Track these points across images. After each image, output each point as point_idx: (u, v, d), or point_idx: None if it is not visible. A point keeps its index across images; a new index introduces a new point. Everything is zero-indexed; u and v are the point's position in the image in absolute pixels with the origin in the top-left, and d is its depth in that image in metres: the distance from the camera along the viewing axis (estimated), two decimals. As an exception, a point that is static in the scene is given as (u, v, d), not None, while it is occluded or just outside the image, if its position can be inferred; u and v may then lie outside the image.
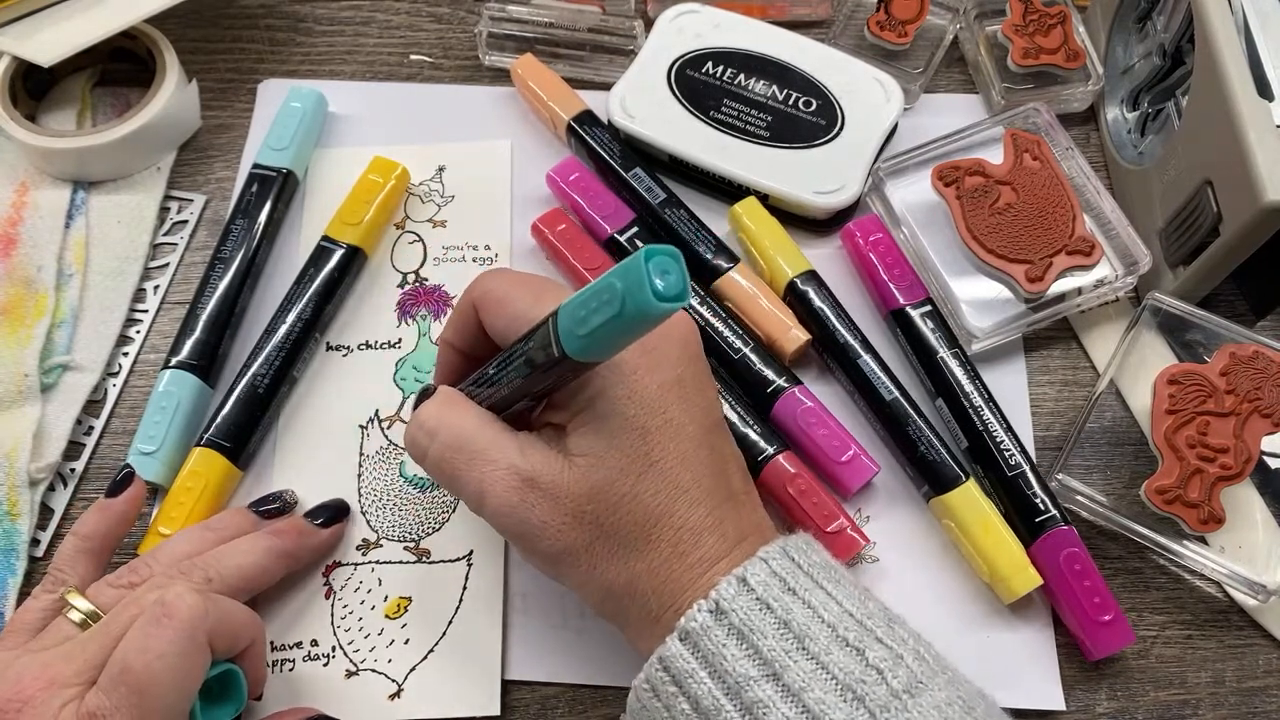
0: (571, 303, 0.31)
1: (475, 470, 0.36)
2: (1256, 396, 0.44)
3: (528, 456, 0.36)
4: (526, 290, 0.37)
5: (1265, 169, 0.42)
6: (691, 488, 0.35)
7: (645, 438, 0.35)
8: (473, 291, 0.39)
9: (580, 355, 0.31)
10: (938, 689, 0.32)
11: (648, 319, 0.28)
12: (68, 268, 0.52)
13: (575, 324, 0.30)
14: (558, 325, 0.31)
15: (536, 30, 0.58)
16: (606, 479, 0.35)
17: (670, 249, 0.28)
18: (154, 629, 0.34)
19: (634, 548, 0.35)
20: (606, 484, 0.35)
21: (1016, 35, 0.57)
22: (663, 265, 0.27)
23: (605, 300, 0.28)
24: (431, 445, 0.37)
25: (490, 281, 0.38)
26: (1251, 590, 0.44)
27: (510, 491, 0.35)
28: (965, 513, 0.45)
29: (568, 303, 0.31)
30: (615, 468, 0.35)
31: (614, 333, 0.29)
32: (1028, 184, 0.51)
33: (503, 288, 0.38)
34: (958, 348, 0.49)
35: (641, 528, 0.35)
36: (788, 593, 0.34)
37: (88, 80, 0.57)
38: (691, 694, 0.33)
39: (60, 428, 0.48)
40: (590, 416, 0.35)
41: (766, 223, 0.52)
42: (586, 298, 0.30)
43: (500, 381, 0.37)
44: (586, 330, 0.30)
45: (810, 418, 0.47)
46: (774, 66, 0.56)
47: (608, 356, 0.33)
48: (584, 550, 0.35)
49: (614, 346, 0.31)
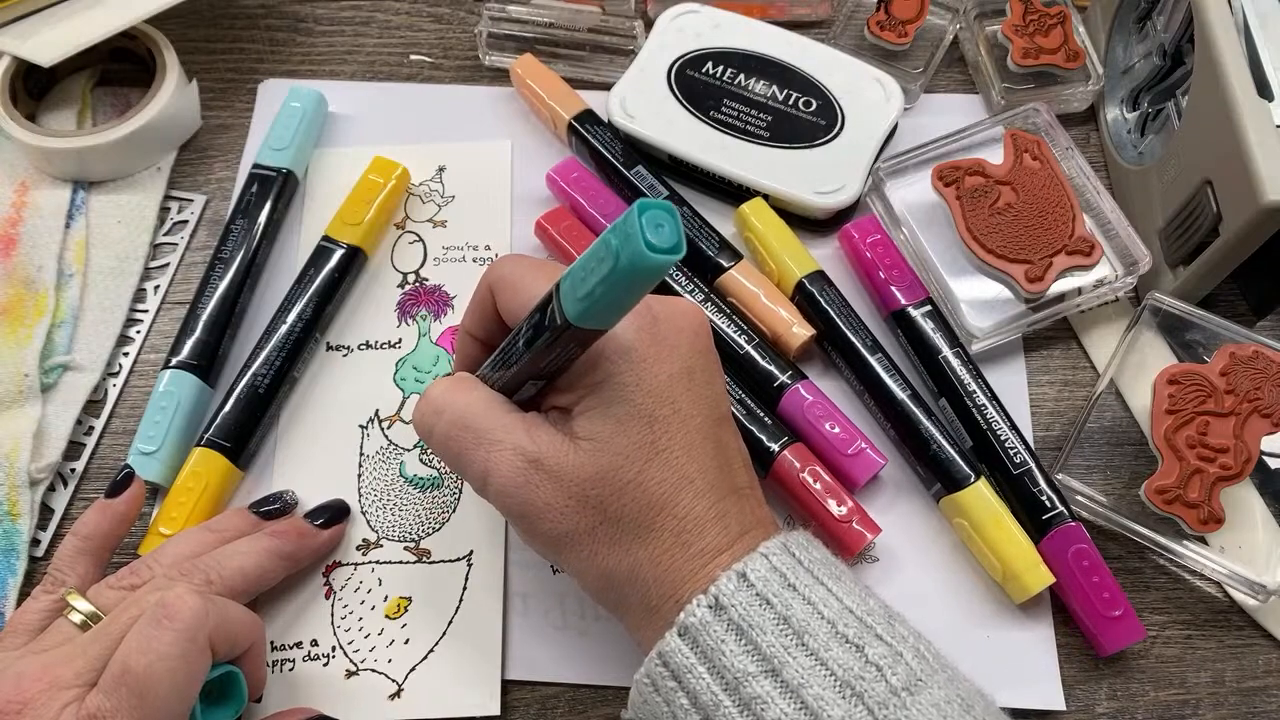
0: (572, 268, 0.30)
1: (481, 450, 0.36)
2: (1256, 396, 0.44)
3: (534, 437, 0.35)
4: (541, 273, 0.37)
5: (1265, 169, 0.42)
6: (696, 478, 0.35)
7: (652, 425, 0.35)
8: (489, 276, 0.39)
9: (581, 320, 0.30)
10: (937, 687, 0.32)
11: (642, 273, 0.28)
12: (68, 268, 0.52)
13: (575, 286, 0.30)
14: (559, 293, 0.31)
15: (536, 30, 0.58)
16: (612, 463, 0.35)
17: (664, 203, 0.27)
18: (155, 630, 0.34)
19: (636, 534, 0.35)
20: (612, 468, 0.35)
21: (1016, 35, 0.57)
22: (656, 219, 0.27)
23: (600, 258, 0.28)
24: (438, 423, 0.37)
25: (505, 266, 0.38)
26: (1251, 590, 0.44)
27: (515, 472, 0.35)
28: (977, 511, 0.45)
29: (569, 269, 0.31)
30: (621, 453, 0.35)
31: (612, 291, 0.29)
32: (1028, 184, 0.51)
33: (517, 271, 0.38)
34: (959, 346, 0.49)
35: (645, 515, 0.35)
36: (788, 588, 0.33)
37: (88, 80, 0.57)
38: (690, 689, 0.33)
39: (60, 428, 0.48)
40: (597, 400, 0.35)
41: (773, 223, 0.52)
42: (585, 259, 0.29)
43: (509, 362, 0.36)
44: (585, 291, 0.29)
45: (817, 412, 0.47)
46: (774, 66, 0.56)
47: (609, 323, 0.32)
48: (586, 534, 0.35)
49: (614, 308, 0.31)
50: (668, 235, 0.27)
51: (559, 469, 0.35)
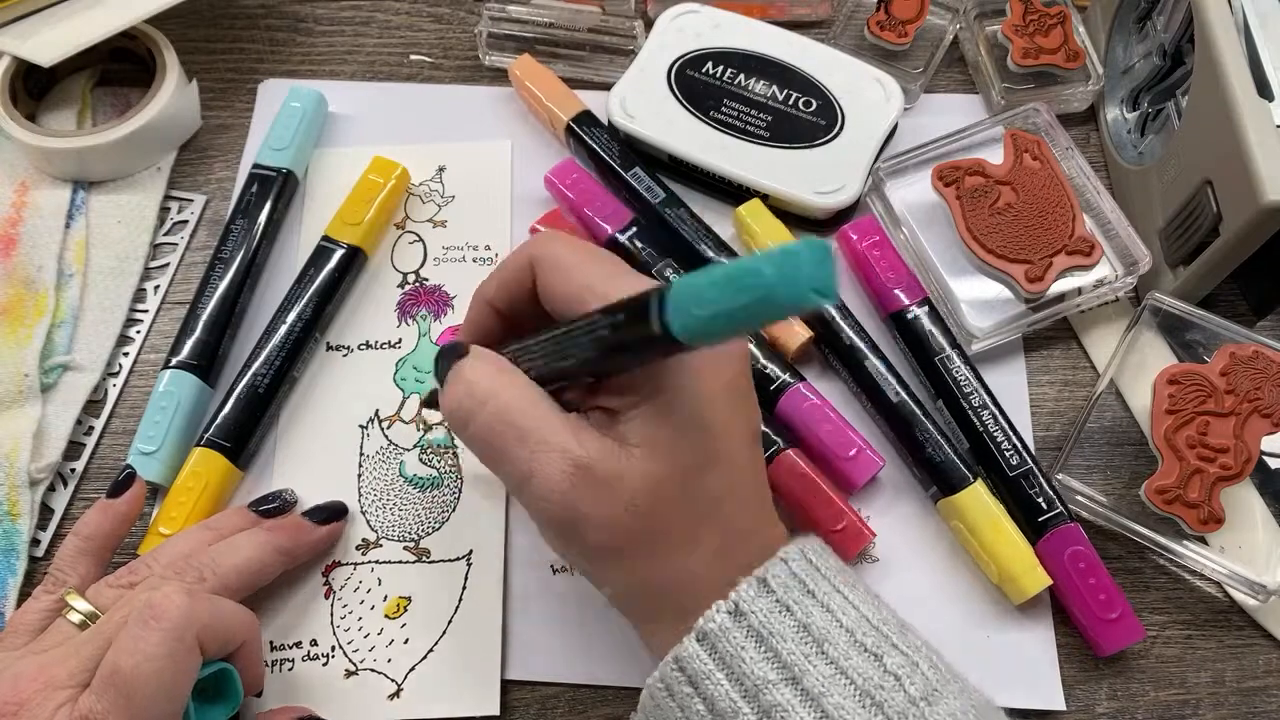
0: (693, 282, 0.28)
1: (525, 449, 0.33)
2: (1256, 396, 0.44)
3: (583, 442, 0.33)
4: (599, 264, 0.35)
5: (1265, 169, 0.42)
6: (740, 490, 0.35)
7: (708, 434, 0.33)
8: (533, 250, 0.36)
9: (691, 337, 0.29)
10: (952, 697, 0.32)
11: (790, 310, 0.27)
12: (68, 268, 0.52)
13: (695, 303, 0.28)
14: (666, 302, 0.29)
15: (536, 30, 0.58)
16: (666, 472, 0.33)
17: (824, 243, 0.26)
18: (141, 631, 0.34)
19: (680, 546, 0.34)
20: (665, 477, 0.33)
21: (1016, 35, 0.57)
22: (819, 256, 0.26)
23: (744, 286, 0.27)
24: (480, 412, 0.34)
25: (557, 246, 0.35)
26: (1251, 590, 0.44)
27: (562, 477, 0.33)
28: (974, 514, 0.45)
29: (685, 280, 0.28)
30: (676, 462, 0.33)
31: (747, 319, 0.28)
32: (1028, 184, 0.51)
33: (574, 255, 0.35)
34: (957, 348, 0.49)
35: (691, 526, 0.34)
36: (807, 595, 0.33)
37: (88, 80, 0.57)
38: (708, 695, 0.32)
39: (60, 428, 0.48)
40: (653, 408, 0.33)
41: (771, 225, 0.52)
42: (718, 278, 0.27)
43: (564, 354, 0.33)
44: (711, 312, 0.28)
45: (815, 414, 0.47)
46: (774, 66, 0.56)
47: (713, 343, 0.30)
48: (628, 545, 0.33)
49: (731, 333, 0.29)
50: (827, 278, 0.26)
51: (610, 476, 0.33)
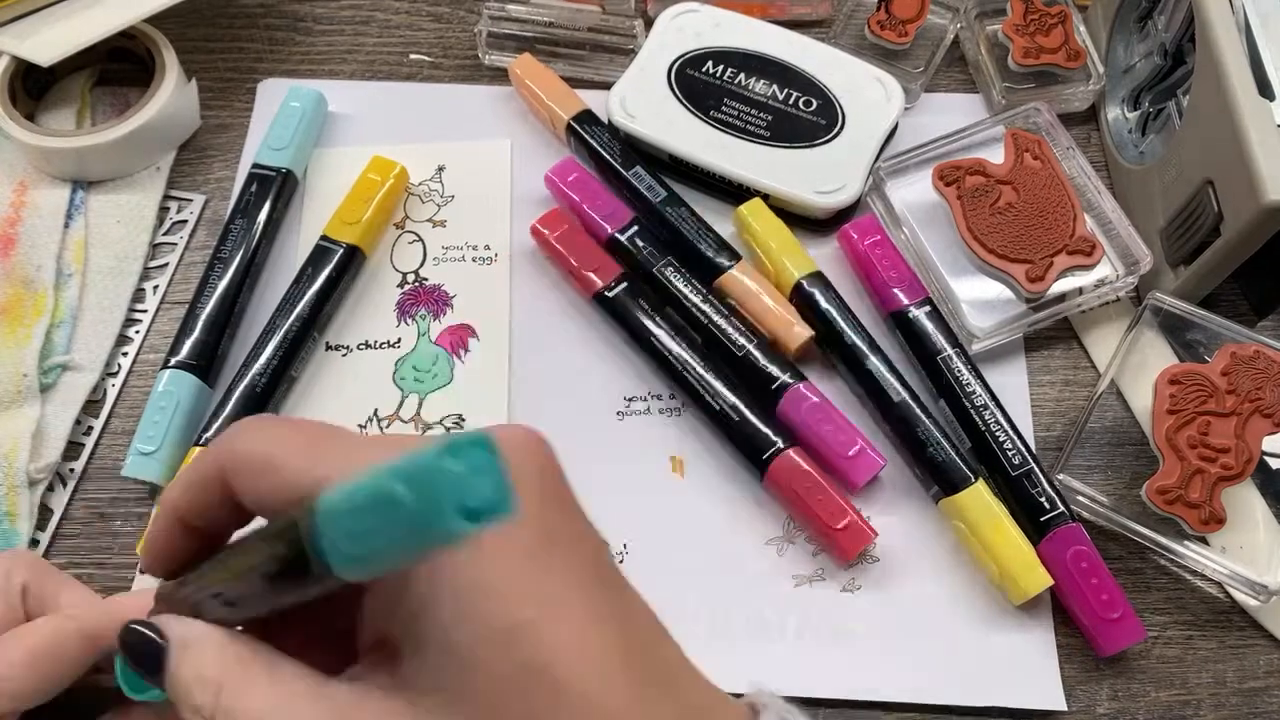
0: (334, 502, 0.20)
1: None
2: (1257, 396, 0.44)
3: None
4: (295, 448, 0.25)
5: (1266, 169, 0.42)
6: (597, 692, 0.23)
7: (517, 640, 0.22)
8: (219, 451, 0.26)
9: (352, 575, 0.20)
10: None
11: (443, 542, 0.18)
12: (67, 267, 0.52)
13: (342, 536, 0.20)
14: (316, 531, 0.20)
15: (536, 30, 0.58)
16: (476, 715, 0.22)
17: (478, 437, 0.18)
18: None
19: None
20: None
21: (1017, 35, 0.57)
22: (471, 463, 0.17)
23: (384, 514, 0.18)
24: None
25: (246, 438, 0.25)
26: (1252, 590, 0.44)
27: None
28: (975, 513, 0.45)
29: (331, 501, 0.20)
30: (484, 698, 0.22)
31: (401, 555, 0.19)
32: (1028, 184, 0.51)
33: (264, 446, 0.25)
34: (958, 347, 0.49)
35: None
36: None
37: (87, 80, 0.57)
38: None
39: (59, 428, 0.48)
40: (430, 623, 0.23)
41: (772, 224, 0.52)
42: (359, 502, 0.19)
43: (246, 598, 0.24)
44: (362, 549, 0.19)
45: (816, 413, 0.47)
46: (774, 66, 0.55)
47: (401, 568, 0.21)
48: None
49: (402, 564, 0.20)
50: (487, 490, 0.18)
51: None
